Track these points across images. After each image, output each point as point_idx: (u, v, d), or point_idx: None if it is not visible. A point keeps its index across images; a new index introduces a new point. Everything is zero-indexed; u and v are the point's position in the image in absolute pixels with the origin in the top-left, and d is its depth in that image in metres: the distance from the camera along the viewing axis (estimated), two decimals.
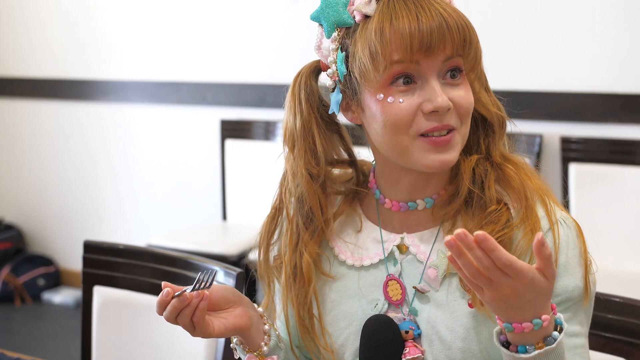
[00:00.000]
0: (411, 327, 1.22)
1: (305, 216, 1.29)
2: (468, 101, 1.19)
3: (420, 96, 1.16)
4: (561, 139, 3.33)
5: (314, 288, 1.28)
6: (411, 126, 1.17)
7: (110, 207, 4.60)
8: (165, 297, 1.15)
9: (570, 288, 1.18)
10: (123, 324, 1.83)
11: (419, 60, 1.14)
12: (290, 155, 1.29)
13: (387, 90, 1.16)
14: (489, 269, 1.01)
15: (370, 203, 1.33)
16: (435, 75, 1.16)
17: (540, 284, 1.03)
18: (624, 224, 3.10)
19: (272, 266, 1.34)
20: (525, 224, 1.18)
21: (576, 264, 1.19)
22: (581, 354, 1.18)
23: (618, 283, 2.77)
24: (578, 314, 1.19)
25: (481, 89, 1.26)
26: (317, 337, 1.28)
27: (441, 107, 1.15)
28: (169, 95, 4.30)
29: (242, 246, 3.53)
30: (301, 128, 1.28)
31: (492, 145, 1.26)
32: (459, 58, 1.17)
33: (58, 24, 4.58)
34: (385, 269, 1.27)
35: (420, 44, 1.13)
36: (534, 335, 1.06)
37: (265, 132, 3.96)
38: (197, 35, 4.20)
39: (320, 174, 1.28)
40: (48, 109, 4.69)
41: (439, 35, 1.13)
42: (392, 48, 1.14)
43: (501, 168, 1.24)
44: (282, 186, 1.33)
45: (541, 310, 1.05)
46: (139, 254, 1.82)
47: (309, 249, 1.29)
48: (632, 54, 3.26)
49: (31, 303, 4.53)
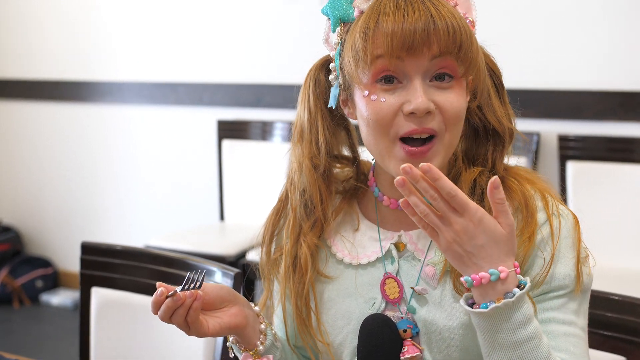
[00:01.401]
0: (409, 325, 1.22)
1: (306, 206, 1.30)
2: (455, 106, 1.16)
3: (402, 96, 1.15)
4: (559, 137, 3.33)
5: (311, 279, 1.29)
6: (391, 127, 1.16)
7: (108, 209, 4.60)
8: (159, 297, 1.15)
9: (560, 275, 1.17)
10: (121, 325, 1.82)
11: (402, 57, 1.13)
12: (298, 146, 1.31)
13: (372, 88, 1.16)
14: (436, 201, 1.04)
15: (368, 202, 1.33)
16: (420, 75, 1.15)
17: (493, 228, 1.05)
18: (622, 222, 3.10)
19: (273, 258, 1.34)
20: (523, 233, 1.18)
21: (568, 252, 1.19)
22: (574, 344, 1.16)
23: (616, 281, 2.78)
24: (570, 303, 1.18)
25: (495, 99, 1.25)
26: (314, 330, 1.29)
27: (419, 109, 1.13)
28: (166, 96, 4.30)
29: (239, 246, 3.53)
30: (308, 120, 1.29)
31: (499, 158, 1.25)
32: (451, 60, 1.15)
33: (56, 26, 4.58)
34: (383, 267, 1.27)
35: (403, 42, 1.12)
36: (494, 290, 1.07)
37: (262, 132, 3.96)
38: (193, 36, 4.20)
39: (321, 164, 1.29)
40: (46, 111, 4.69)
41: (423, 35, 1.12)
42: (374, 45, 1.14)
43: (504, 181, 1.22)
44: (288, 178, 1.34)
45: (498, 261, 1.06)
46: (136, 255, 1.82)
47: (307, 240, 1.29)
48: (630, 51, 3.26)
49: (29, 305, 4.53)
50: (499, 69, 1.28)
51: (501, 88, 1.27)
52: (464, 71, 1.17)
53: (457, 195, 1.04)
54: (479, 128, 1.26)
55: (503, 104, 1.26)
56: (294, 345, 1.35)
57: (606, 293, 1.40)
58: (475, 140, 1.26)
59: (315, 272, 1.30)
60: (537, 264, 1.18)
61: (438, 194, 1.04)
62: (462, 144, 1.28)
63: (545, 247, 1.18)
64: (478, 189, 1.22)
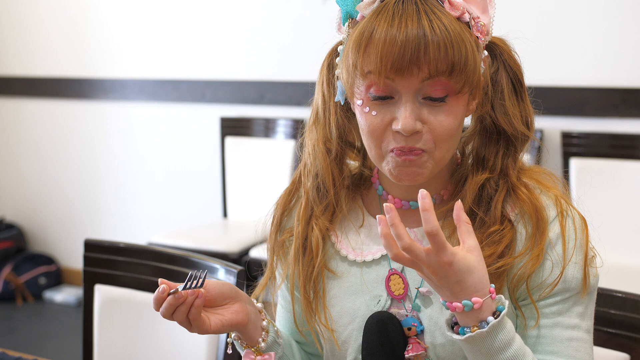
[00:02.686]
0: (414, 323, 1.22)
1: (318, 190, 1.30)
2: (445, 126, 1.14)
3: (392, 112, 1.14)
4: (562, 134, 3.33)
5: (321, 263, 1.29)
6: (382, 141, 1.16)
7: (110, 206, 4.60)
8: (161, 294, 1.15)
9: (567, 278, 1.17)
10: (124, 322, 1.83)
11: (392, 78, 1.12)
12: (313, 129, 1.31)
13: (366, 99, 1.16)
14: (408, 251, 1.04)
15: (373, 198, 1.33)
16: (411, 94, 1.13)
17: (464, 263, 1.05)
18: (625, 219, 3.10)
19: (280, 240, 1.34)
20: (532, 251, 1.17)
21: (575, 255, 1.18)
22: (576, 348, 1.16)
23: (620, 278, 2.77)
24: (576, 306, 1.18)
25: (510, 100, 1.22)
26: (319, 313, 1.29)
27: (405, 131, 1.12)
28: (168, 93, 4.30)
29: (242, 243, 3.53)
30: (322, 104, 1.29)
31: (511, 163, 1.22)
32: (445, 79, 1.11)
33: (58, 23, 4.58)
34: (388, 264, 1.27)
35: (392, 64, 1.10)
36: (470, 318, 1.07)
37: (265, 129, 3.96)
38: (196, 33, 4.20)
39: (334, 149, 1.29)
40: (48, 108, 4.70)
41: (412, 56, 1.09)
42: (364, 62, 1.12)
43: (514, 190, 1.21)
44: (302, 161, 1.34)
45: (472, 292, 1.06)
46: (139, 252, 1.82)
47: (319, 223, 1.30)
48: (633, 48, 3.25)
49: (32, 302, 4.53)
50: (520, 65, 1.24)
51: (519, 86, 1.23)
52: (459, 88, 1.13)
53: (438, 235, 1.02)
54: (490, 128, 1.23)
55: (520, 103, 1.23)
56: (300, 331, 1.35)
57: (610, 290, 1.40)
58: (487, 139, 1.23)
59: (322, 265, 1.30)
60: (545, 266, 1.18)
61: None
62: (475, 142, 1.25)
63: (553, 250, 1.18)
64: (485, 197, 1.21)
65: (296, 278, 1.32)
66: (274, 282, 1.36)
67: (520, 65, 1.24)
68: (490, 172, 1.22)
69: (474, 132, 1.25)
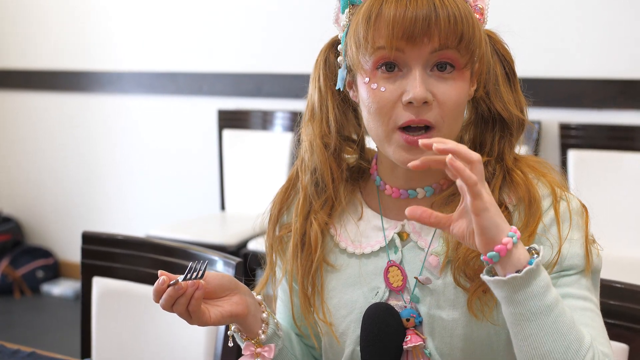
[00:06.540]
0: (412, 315, 1.22)
1: (317, 185, 1.30)
2: (453, 99, 1.15)
3: (401, 85, 1.15)
4: (560, 126, 3.32)
5: (320, 257, 1.29)
6: (390, 117, 1.16)
7: (108, 199, 4.60)
8: (160, 286, 1.14)
9: (570, 255, 1.17)
10: (122, 314, 1.82)
11: (402, 49, 1.13)
12: (309, 126, 1.31)
13: (373, 75, 1.17)
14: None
15: (371, 190, 1.33)
16: (420, 65, 1.14)
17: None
18: (624, 210, 3.10)
19: (278, 236, 1.34)
20: (524, 231, 1.17)
21: (575, 233, 1.18)
22: (592, 318, 1.15)
23: (618, 268, 2.78)
24: (583, 280, 1.18)
25: (504, 86, 1.24)
26: (317, 308, 1.29)
27: (416, 99, 1.13)
28: (165, 86, 4.29)
29: (240, 236, 3.52)
30: (318, 99, 1.29)
31: (507, 148, 1.24)
32: (453, 51, 1.14)
33: (56, 16, 4.57)
34: (387, 257, 1.27)
35: (403, 32, 1.12)
36: (515, 256, 1.03)
37: (262, 121, 3.95)
38: (193, 25, 4.19)
39: (332, 143, 1.29)
40: (46, 101, 4.69)
41: (424, 25, 1.11)
42: (375, 34, 1.14)
43: (510, 173, 1.22)
44: (299, 158, 1.34)
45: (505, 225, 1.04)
46: (137, 244, 1.82)
47: (318, 218, 1.30)
48: (630, 39, 3.25)
49: (30, 295, 4.53)
50: (512, 55, 1.27)
51: (512, 75, 1.26)
52: (465, 62, 1.16)
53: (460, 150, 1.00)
54: (486, 115, 1.25)
55: (514, 92, 1.25)
56: (298, 326, 1.35)
57: (609, 281, 1.39)
58: (483, 127, 1.25)
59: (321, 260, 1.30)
60: (545, 250, 1.17)
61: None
62: (470, 132, 1.27)
63: (549, 232, 1.18)
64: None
65: (295, 273, 1.32)
66: (274, 278, 1.36)
67: (512, 57, 1.27)
68: (487, 155, 1.23)
69: (470, 122, 1.27)
